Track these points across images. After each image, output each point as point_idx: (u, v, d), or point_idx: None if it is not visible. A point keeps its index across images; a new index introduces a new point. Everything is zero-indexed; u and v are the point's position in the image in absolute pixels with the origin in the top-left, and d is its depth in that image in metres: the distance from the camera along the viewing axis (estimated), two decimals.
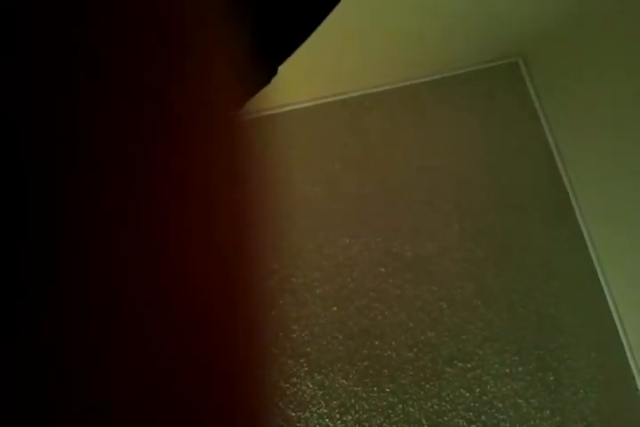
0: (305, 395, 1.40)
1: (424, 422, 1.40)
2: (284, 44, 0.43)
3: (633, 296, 1.43)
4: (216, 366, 0.15)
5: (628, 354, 1.45)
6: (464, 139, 1.62)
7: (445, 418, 1.41)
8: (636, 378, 1.44)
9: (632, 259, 1.39)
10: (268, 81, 0.42)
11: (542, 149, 1.62)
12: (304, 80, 1.47)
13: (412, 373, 1.43)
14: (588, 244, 1.54)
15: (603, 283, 1.51)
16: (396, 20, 1.30)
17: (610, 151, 1.41)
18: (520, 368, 1.45)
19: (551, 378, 1.45)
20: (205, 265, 0.15)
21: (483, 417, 1.41)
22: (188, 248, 0.15)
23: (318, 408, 1.39)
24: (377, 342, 1.44)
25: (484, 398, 1.42)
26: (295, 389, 1.41)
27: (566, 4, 1.37)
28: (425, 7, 1.27)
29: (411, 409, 1.40)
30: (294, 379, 1.41)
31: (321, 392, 1.40)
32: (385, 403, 1.41)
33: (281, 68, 0.44)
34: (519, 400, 1.43)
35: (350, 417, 1.39)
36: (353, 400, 1.40)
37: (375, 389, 1.41)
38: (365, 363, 1.43)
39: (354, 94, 1.62)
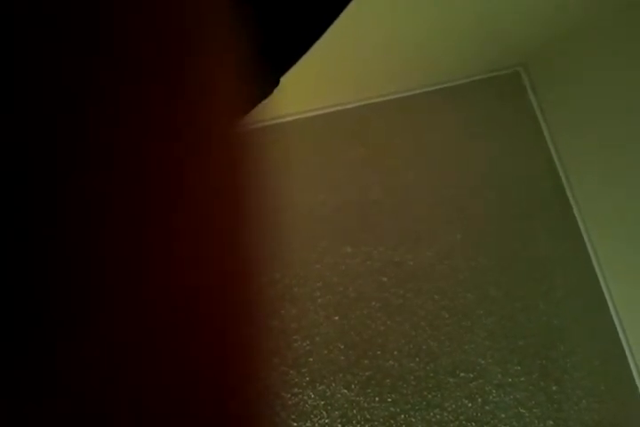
0: (306, 405, 1.40)
1: None
2: (287, 55, 0.43)
3: (636, 305, 1.43)
4: (217, 375, 0.15)
5: (631, 364, 1.45)
6: (466, 148, 1.62)
7: None
8: None
9: (635, 268, 1.39)
10: (270, 92, 0.42)
11: (544, 158, 1.62)
12: (306, 90, 1.47)
13: (413, 383, 1.42)
14: (591, 253, 1.54)
15: (605, 292, 1.50)
16: (397, 31, 1.31)
17: (612, 160, 1.41)
18: (522, 378, 1.44)
19: (554, 388, 1.44)
20: (206, 274, 0.15)
21: None
22: (187, 258, 0.15)
23: (320, 418, 1.39)
24: (379, 352, 1.44)
25: (487, 407, 1.42)
26: (297, 399, 1.40)
27: (567, 14, 1.37)
28: (426, 18, 1.27)
29: (413, 419, 1.40)
30: (295, 389, 1.40)
31: (322, 402, 1.40)
32: (387, 413, 1.40)
33: (283, 79, 0.44)
34: (522, 410, 1.42)
35: None
36: (355, 410, 1.40)
37: (377, 399, 1.41)
38: (367, 373, 1.42)
39: (355, 104, 1.63)
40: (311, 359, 1.42)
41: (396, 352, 1.44)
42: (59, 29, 0.13)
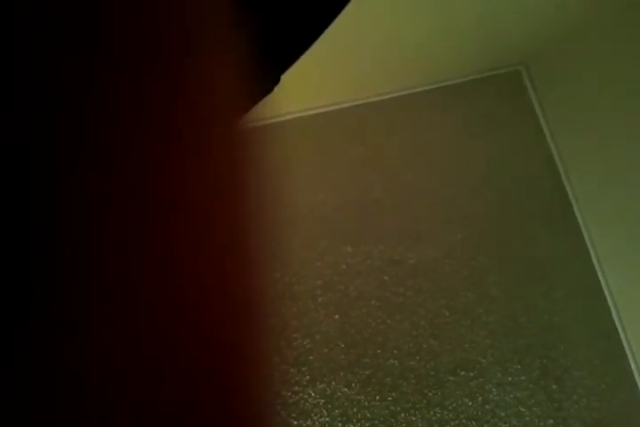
0: (307, 404, 1.40)
1: None
2: (288, 53, 0.43)
3: (636, 305, 1.43)
4: (217, 374, 0.15)
5: (632, 363, 1.45)
6: (466, 147, 1.62)
7: None
8: None
9: (635, 267, 1.39)
10: (270, 89, 0.42)
11: (544, 158, 1.62)
12: (306, 89, 1.47)
13: (414, 381, 1.42)
14: (591, 252, 1.54)
15: (606, 291, 1.50)
16: (397, 29, 1.31)
17: (612, 160, 1.41)
18: (523, 377, 1.44)
19: (554, 387, 1.44)
20: (206, 273, 0.15)
21: (485, 426, 1.40)
22: (188, 257, 0.15)
23: (320, 417, 1.39)
24: (379, 351, 1.44)
25: (487, 406, 1.42)
26: (297, 397, 1.40)
27: (567, 14, 1.37)
28: (426, 18, 1.27)
29: (413, 418, 1.40)
30: (296, 387, 1.40)
31: (323, 401, 1.40)
32: (387, 412, 1.40)
33: (283, 77, 0.44)
34: (522, 409, 1.42)
35: (352, 426, 1.39)
36: (355, 409, 1.40)
37: (377, 397, 1.41)
38: (367, 371, 1.42)
39: (355, 103, 1.63)
40: (311, 358, 1.42)
41: (396, 351, 1.44)
42: (59, 29, 0.13)
